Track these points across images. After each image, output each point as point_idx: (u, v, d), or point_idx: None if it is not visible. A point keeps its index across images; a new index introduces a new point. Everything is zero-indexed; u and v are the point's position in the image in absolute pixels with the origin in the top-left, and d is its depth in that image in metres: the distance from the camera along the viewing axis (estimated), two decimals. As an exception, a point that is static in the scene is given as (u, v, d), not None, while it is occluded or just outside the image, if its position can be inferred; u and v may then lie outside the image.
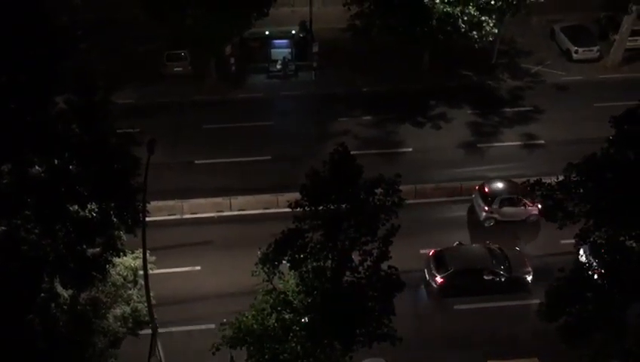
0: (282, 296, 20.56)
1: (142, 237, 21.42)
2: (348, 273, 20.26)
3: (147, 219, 21.40)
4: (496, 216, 31.36)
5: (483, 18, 35.73)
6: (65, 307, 21.47)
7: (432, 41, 37.17)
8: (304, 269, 19.95)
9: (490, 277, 28.56)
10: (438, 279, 28.50)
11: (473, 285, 28.69)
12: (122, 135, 20.92)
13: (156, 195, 27.27)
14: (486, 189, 31.61)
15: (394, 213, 20.01)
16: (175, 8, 34.94)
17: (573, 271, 21.93)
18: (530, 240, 31.34)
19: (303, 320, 20.11)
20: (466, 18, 35.48)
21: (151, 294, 22.85)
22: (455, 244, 29.79)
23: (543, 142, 36.41)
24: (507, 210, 31.23)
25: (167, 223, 31.39)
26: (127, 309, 23.11)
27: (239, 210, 32.52)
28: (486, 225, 31.70)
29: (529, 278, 28.89)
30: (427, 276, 29.15)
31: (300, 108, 39.58)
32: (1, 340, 19.13)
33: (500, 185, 31.77)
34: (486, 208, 31.32)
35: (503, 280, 28.63)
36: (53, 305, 20.76)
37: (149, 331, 23.34)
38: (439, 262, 28.84)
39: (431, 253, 29.39)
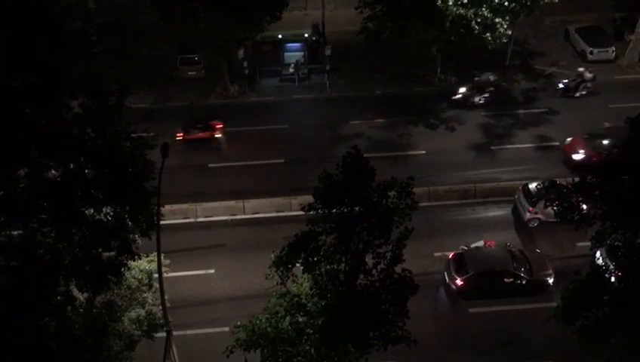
0: (296, 298, 20.53)
1: (156, 240, 21.56)
2: (361, 276, 20.20)
3: (161, 222, 21.55)
4: (540, 216, 30.86)
5: (497, 19, 35.56)
6: (80, 310, 21.69)
7: (444, 43, 37.04)
8: (318, 272, 19.91)
9: (511, 280, 28.23)
10: (458, 281, 28.24)
11: (494, 288, 28.39)
12: (136, 139, 21.01)
13: (170, 199, 27.55)
14: (530, 189, 31.07)
15: (407, 215, 19.93)
16: (187, 13, 35.12)
17: (589, 273, 21.73)
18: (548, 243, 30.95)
19: (316, 323, 20.07)
20: (479, 20, 35.32)
21: (165, 297, 23.00)
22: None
23: (557, 143, 36.11)
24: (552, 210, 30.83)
25: (182, 226, 31.56)
26: (142, 312, 23.25)
27: (253, 213, 32.57)
28: (530, 225, 31.34)
29: (550, 281, 28.51)
30: (447, 278, 28.89)
31: (313, 112, 39.57)
32: (17, 343, 19.27)
33: (544, 184, 31.08)
34: (530, 208, 30.92)
35: (524, 282, 28.29)
36: (69, 308, 20.89)
37: (164, 334, 23.43)
38: (459, 264, 28.58)
39: (451, 256, 29.13)
